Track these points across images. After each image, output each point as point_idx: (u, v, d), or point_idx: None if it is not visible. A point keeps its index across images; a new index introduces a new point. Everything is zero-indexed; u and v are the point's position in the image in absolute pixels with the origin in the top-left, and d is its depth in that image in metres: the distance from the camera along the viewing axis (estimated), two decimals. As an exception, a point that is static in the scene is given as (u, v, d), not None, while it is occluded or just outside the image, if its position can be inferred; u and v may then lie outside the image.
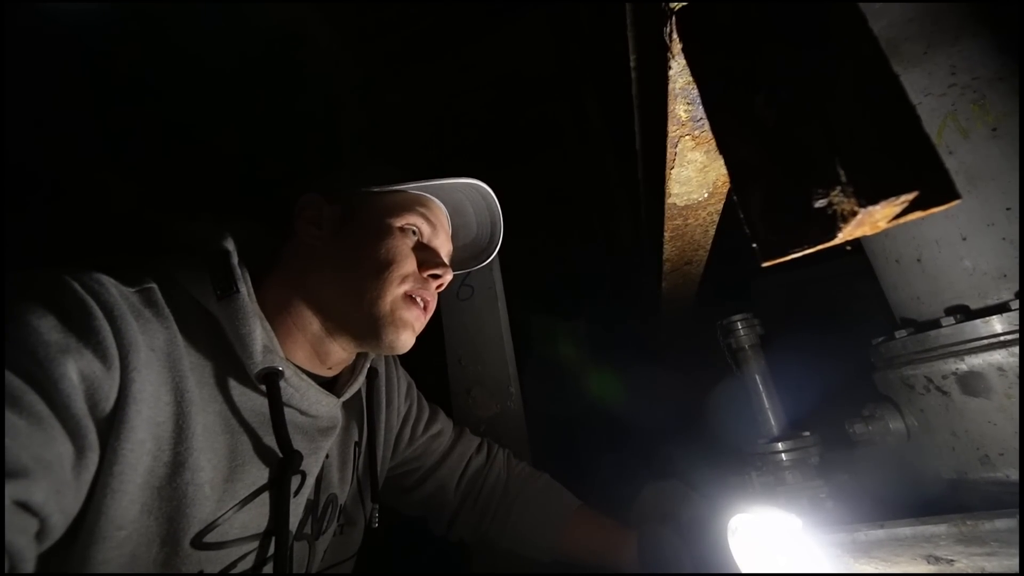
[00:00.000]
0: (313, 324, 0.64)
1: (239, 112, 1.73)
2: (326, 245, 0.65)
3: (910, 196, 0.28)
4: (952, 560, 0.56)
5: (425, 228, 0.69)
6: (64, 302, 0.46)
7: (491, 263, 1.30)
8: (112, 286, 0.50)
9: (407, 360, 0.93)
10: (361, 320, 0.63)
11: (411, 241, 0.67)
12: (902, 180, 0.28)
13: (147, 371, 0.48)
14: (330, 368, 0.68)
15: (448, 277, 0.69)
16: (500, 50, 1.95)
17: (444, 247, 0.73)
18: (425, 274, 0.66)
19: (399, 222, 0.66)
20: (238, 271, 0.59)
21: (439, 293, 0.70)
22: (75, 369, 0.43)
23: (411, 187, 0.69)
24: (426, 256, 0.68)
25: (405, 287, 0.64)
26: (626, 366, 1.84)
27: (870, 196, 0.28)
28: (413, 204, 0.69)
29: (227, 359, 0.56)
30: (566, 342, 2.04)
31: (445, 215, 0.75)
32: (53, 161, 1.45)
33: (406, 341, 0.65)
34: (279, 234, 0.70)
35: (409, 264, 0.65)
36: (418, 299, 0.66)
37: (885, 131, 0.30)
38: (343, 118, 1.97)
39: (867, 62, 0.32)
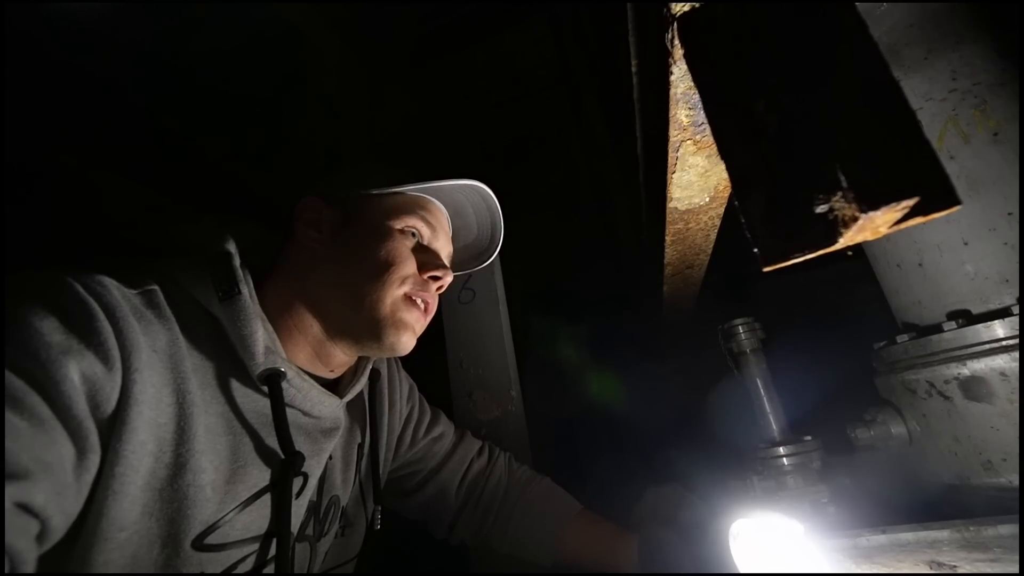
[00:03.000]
0: (314, 326, 0.64)
1: (242, 114, 1.73)
2: (325, 248, 0.65)
3: (911, 202, 0.28)
4: (955, 566, 0.56)
5: (425, 230, 0.69)
6: (66, 303, 0.46)
7: (492, 266, 1.30)
8: (114, 287, 0.50)
9: (408, 363, 0.93)
10: (361, 322, 0.63)
11: (411, 243, 0.67)
12: (903, 186, 0.28)
13: (149, 372, 0.48)
14: (332, 370, 0.68)
15: (448, 279, 0.69)
16: (502, 54, 1.96)
17: (444, 249, 0.73)
18: (425, 276, 0.66)
19: (398, 224, 0.66)
20: (240, 273, 0.59)
21: (440, 296, 0.71)
22: (77, 370, 0.43)
23: (410, 189, 0.69)
24: (426, 258, 0.68)
25: (405, 288, 0.64)
26: (627, 369, 1.84)
27: (871, 202, 0.28)
28: (413, 206, 0.69)
29: (229, 360, 0.56)
30: (567, 345, 2.04)
31: (445, 217, 0.75)
32: (54, 163, 1.45)
33: (407, 343, 0.65)
34: (280, 236, 0.70)
35: (409, 266, 0.65)
36: (418, 300, 0.66)
37: (886, 137, 0.30)
38: (346, 120, 1.98)
39: (868, 67, 0.32)
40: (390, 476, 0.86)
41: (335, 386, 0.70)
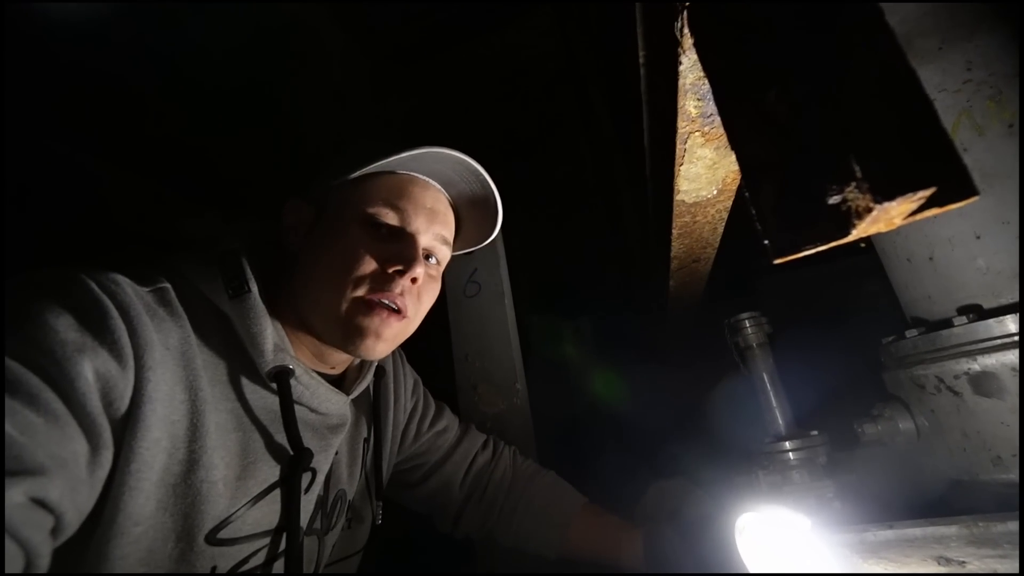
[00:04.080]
0: (306, 327, 0.63)
1: (245, 109, 1.73)
2: (302, 251, 0.63)
3: (927, 192, 0.27)
4: (963, 562, 0.56)
5: (391, 215, 0.62)
6: (80, 301, 0.46)
7: (497, 259, 1.30)
8: (127, 285, 0.50)
9: (414, 356, 0.93)
10: (326, 328, 0.61)
11: (376, 233, 0.61)
12: (919, 176, 0.27)
13: (162, 370, 0.49)
14: (333, 367, 0.69)
15: (416, 271, 0.60)
16: (507, 46, 1.94)
17: (427, 230, 0.64)
18: (390, 270, 0.59)
19: (360, 215, 0.61)
20: (249, 271, 0.59)
21: (444, 289, 0.68)
22: (91, 368, 0.44)
23: (369, 170, 0.62)
24: (393, 249, 0.61)
25: (360, 291, 0.59)
26: (632, 364, 1.84)
27: (886, 192, 0.27)
28: (381, 191, 0.62)
29: (239, 357, 0.57)
30: (572, 339, 2.04)
31: (433, 191, 0.66)
32: (56, 159, 1.46)
33: (371, 347, 0.60)
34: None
35: (366, 264, 0.59)
36: (385, 301, 0.59)
37: (901, 126, 0.29)
38: (349, 114, 1.97)
39: (883, 56, 0.31)
40: (395, 469, 0.87)
41: (340, 382, 0.70)
